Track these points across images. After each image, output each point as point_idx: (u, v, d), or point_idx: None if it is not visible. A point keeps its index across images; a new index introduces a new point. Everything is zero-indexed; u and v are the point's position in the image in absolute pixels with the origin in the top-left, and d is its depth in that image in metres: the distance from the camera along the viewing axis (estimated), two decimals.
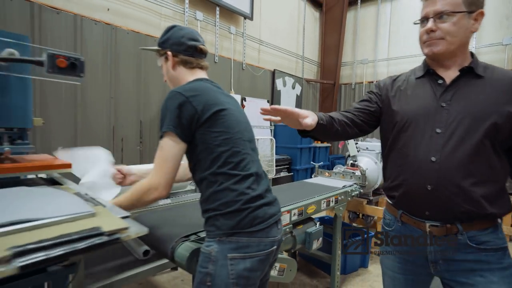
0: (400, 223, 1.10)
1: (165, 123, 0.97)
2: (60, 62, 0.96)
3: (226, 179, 0.99)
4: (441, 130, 0.98)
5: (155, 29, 3.46)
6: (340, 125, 1.11)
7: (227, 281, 0.95)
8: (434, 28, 0.99)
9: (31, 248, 0.57)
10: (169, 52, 1.13)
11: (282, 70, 5.40)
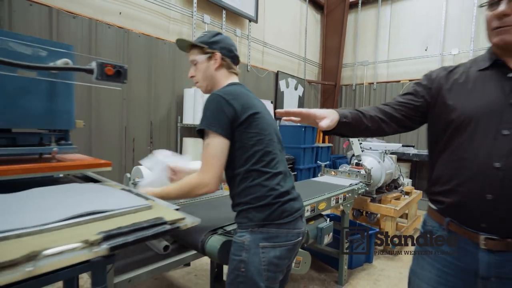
0: (446, 232, 0.97)
1: (209, 123, 1.05)
2: (108, 70, 1.06)
3: (259, 176, 1.09)
4: (509, 132, 0.85)
5: (164, 32, 3.55)
6: (371, 122, 1.03)
7: (259, 267, 1.05)
8: (508, 12, 0.83)
9: (114, 234, 0.67)
10: (219, 53, 1.21)
11: (285, 72, 5.51)
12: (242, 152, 1.09)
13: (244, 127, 1.08)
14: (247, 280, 1.04)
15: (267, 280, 1.06)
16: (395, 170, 3.68)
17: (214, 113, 1.06)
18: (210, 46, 1.22)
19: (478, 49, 5.11)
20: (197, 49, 1.23)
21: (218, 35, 1.25)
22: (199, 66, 1.23)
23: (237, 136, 1.08)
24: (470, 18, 5.18)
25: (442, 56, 5.46)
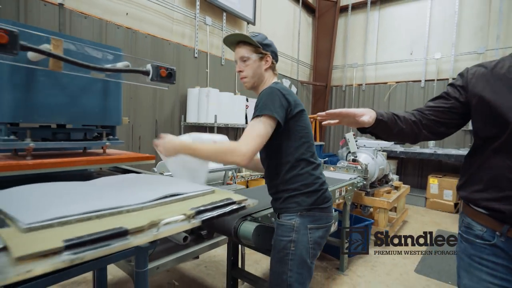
0: (503, 239, 0.90)
1: (266, 108, 1.11)
2: (162, 72, 1.19)
3: (307, 165, 1.21)
4: None
5: (168, 32, 3.64)
6: (405, 124, 1.02)
7: (307, 246, 1.19)
8: None
9: (201, 210, 0.81)
10: (270, 56, 1.31)
11: (280, 72, 5.70)
12: (292, 142, 1.20)
13: (295, 120, 1.19)
14: (296, 257, 1.17)
15: (312, 257, 1.20)
16: (386, 166, 3.94)
17: (270, 101, 1.13)
18: (264, 48, 1.29)
19: (458, 54, 5.49)
20: (251, 47, 1.28)
21: (267, 39, 1.34)
22: (250, 64, 1.28)
23: (288, 127, 1.18)
24: (451, 25, 5.55)
25: (426, 60, 5.82)
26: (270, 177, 1.28)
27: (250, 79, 1.31)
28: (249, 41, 1.27)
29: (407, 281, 2.56)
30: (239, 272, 2.15)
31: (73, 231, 0.60)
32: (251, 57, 1.29)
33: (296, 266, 1.18)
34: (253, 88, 1.34)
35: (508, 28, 5.08)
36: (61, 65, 0.96)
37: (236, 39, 1.30)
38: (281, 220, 1.23)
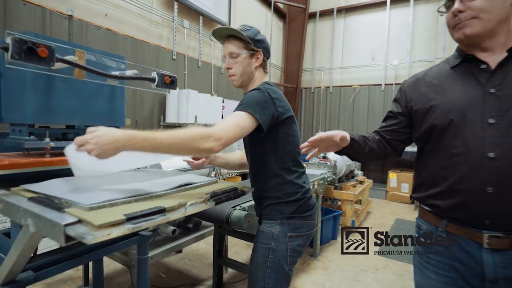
0: (444, 234, 0.93)
1: (250, 107, 1.04)
2: (166, 80, 1.36)
3: (290, 174, 1.17)
4: (495, 120, 0.83)
5: (146, 34, 3.71)
6: (374, 143, 1.07)
7: (286, 254, 1.16)
8: (462, 8, 0.86)
9: (213, 194, 1.01)
10: (261, 53, 1.22)
11: None
12: (277, 151, 1.16)
13: (281, 127, 1.15)
14: (274, 265, 1.14)
15: (290, 264, 1.18)
16: (352, 163, 4.34)
17: (259, 103, 1.07)
18: (255, 44, 1.19)
19: (413, 61, 6.11)
20: (241, 42, 1.19)
21: (260, 33, 1.23)
22: (239, 61, 1.19)
23: (274, 133, 1.13)
24: (407, 35, 6.16)
25: (386, 65, 6.39)
26: (254, 180, 1.26)
27: (239, 77, 1.23)
28: (240, 36, 1.17)
29: (370, 262, 2.92)
30: (224, 259, 2.35)
31: (124, 210, 0.77)
32: (241, 54, 1.19)
33: (273, 273, 1.15)
34: (242, 87, 1.27)
35: (452, 40, 5.75)
36: (84, 74, 1.10)
37: (226, 32, 1.19)
38: (262, 227, 1.21)
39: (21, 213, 0.80)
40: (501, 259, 0.83)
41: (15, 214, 0.82)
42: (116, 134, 0.82)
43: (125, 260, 1.87)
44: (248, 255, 2.87)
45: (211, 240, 3.11)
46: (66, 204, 0.79)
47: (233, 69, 1.22)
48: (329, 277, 2.59)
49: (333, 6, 6.86)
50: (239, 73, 1.22)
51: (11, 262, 0.90)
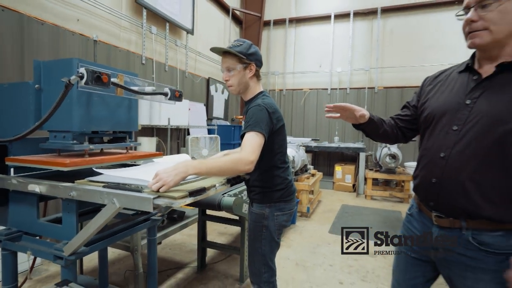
0: (417, 209, 1.15)
1: (258, 126, 1.29)
2: (176, 94, 1.72)
3: (278, 169, 1.46)
4: (457, 128, 0.96)
5: (116, 39, 3.85)
6: (389, 127, 1.21)
7: (274, 228, 1.48)
8: (475, 18, 0.91)
9: (225, 180, 1.42)
10: (254, 65, 1.41)
11: (215, 78, 6.29)
12: (269, 152, 1.42)
13: (277, 134, 1.42)
14: (267, 237, 1.47)
15: (278, 235, 1.51)
16: (305, 158, 5.00)
17: (260, 119, 1.32)
18: (247, 58, 1.38)
19: (353, 69, 7.07)
20: (235, 57, 1.38)
21: (252, 46, 1.41)
22: (235, 74, 1.40)
23: (269, 140, 1.37)
24: (348, 47, 7.10)
25: (331, 72, 7.26)
26: (249, 173, 1.49)
27: (236, 87, 1.44)
28: (233, 52, 1.36)
29: (323, 239, 3.56)
30: (207, 243, 2.74)
31: (182, 189, 1.16)
32: (235, 68, 1.39)
33: (267, 242, 1.48)
34: (240, 94, 1.50)
35: (383, 53, 6.85)
36: (123, 92, 1.43)
37: (222, 50, 1.40)
38: (254, 209, 1.51)
39: (104, 195, 1.13)
40: (443, 234, 1.02)
41: (96, 197, 1.16)
42: (181, 166, 1.14)
43: (128, 246, 2.15)
44: (222, 241, 3.28)
45: (187, 232, 3.47)
46: (138, 188, 1.15)
47: (230, 81, 1.43)
48: (293, 251, 3.15)
49: (285, 16, 7.54)
50: (235, 84, 1.44)
51: (86, 234, 1.21)
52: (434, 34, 6.40)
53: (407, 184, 5.57)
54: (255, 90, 1.50)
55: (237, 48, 1.38)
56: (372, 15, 6.91)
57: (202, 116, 5.55)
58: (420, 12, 6.56)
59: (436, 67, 6.23)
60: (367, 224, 4.08)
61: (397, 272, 1.25)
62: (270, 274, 1.53)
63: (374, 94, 6.92)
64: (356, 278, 2.60)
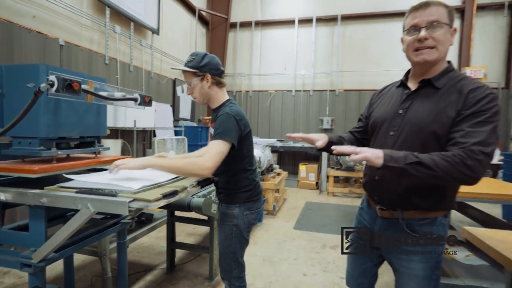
0: (366, 203, 1.34)
1: (226, 135, 1.37)
2: (146, 99, 1.77)
3: (246, 172, 1.55)
4: (393, 133, 1.15)
5: (77, 38, 3.71)
6: (349, 142, 1.39)
7: (244, 226, 1.57)
8: (427, 37, 1.04)
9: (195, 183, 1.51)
10: (209, 75, 1.47)
11: (181, 79, 6.25)
12: (238, 156, 1.51)
13: (244, 140, 1.50)
14: (237, 235, 1.56)
15: (247, 232, 1.61)
16: (271, 158, 5.19)
17: (230, 128, 1.41)
18: (201, 70, 1.45)
19: (316, 72, 7.42)
20: (190, 73, 1.46)
21: (206, 57, 1.47)
22: (194, 87, 1.49)
23: (238, 146, 1.46)
24: (311, 51, 7.44)
25: (295, 75, 7.55)
26: (219, 176, 1.60)
27: (199, 98, 1.54)
28: (186, 69, 1.46)
29: (288, 235, 3.75)
30: (176, 244, 2.78)
31: (155, 192, 1.23)
32: (192, 82, 1.48)
33: (237, 240, 1.57)
34: (205, 104, 1.59)
35: (343, 58, 7.28)
36: (93, 98, 1.46)
37: (177, 69, 1.58)
38: (224, 210, 1.60)
39: (78, 200, 1.17)
40: (385, 224, 1.21)
41: (69, 203, 1.19)
42: (140, 160, 1.35)
43: (95, 250, 2.14)
44: (191, 242, 3.33)
45: (155, 234, 3.46)
46: (112, 192, 1.20)
47: (193, 94, 1.53)
48: (259, 248, 3.29)
49: (251, 19, 7.69)
50: (198, 96, 1.53)
51: (58, 240, 1.23)
52: (387, 42, 6.95)
53: None
54: (220, 98, 1.57)
55: (189, 64, 1.46)
56: (333, 22, 7.31)
57: (168, 117, 5.50)
58: (375, 21, 7.08)
59: (389, 72, 6.79)
60: (329, 219, 4.39)
61: (350, 260, 1.44)
62: (240, 269, 1.63)
63: (335, 96, 7.33)
64: (318, 269, 2.81)
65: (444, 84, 1.08)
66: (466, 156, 0.93)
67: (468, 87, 1.03)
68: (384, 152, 1.00)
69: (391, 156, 0.99)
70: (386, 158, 0.98)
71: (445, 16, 1.05)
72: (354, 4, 7.12)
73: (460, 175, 0.94)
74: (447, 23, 1.05)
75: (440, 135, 1.03)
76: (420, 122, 1.07)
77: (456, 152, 0.95)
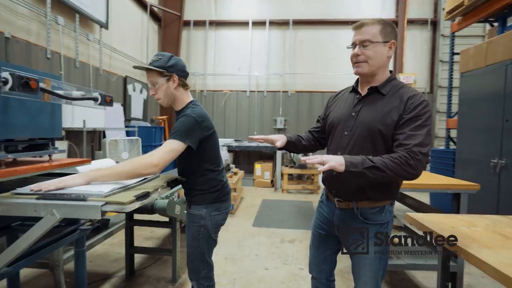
0: (326, 197, 1.46)
1: (180, 135, 1.37)
2: (107, 99, 1.70)
3: (212, 172, 1.54)
4: (347, 133, 1.29)
5: (10, 27, 3.31)
6: (307, 141, 1.53)
7: (211, 227, 1.56)
8: (359, 53, 1.24)
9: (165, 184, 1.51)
10: (176, 76, 1.45)
11: (132, 77, 5.94)
12: (203, 157, 1.52)
13: (208, 141, 1.50)
14: (204, 236, 1.55)
15: (215, 233, 1.60)
16: (228, 158, 5.24)
17: (189, 129, 1.39)
18: (168, 70, 1.43)
19: (269, 74, 7.64)
20: (156, 72, 1.43)
21: (172, 58, 1.47)
22: (159, 87, 1.45)
23: (202, 146, 1.47)
24: (265, 52, 7.65)
25: (250, 75, 7.69)
26: (186, 177, 1.59)
27: (163, 100, 1.49)
28: (152, 69, 1.41)
29: (248, 233, 3.84)
30: (135, 248, 2.67)
31: (128, 195, 1.20)
32: (158, 82, 1.44)
33: (205, 241, 1.56)
34: (168, 106, 1.55)
35: (295, 60, 7.63)
36: (50, 97, 1.36)
37: (142, 68, 1.49)
38: (192, 211, 1.58)
39: (40, 207, 1.10)
40: (342, 214, 1.34)
41: (29, 210, 1.11)
42: (82, 175, 1.26)
43: (45, 262, 1.96)
44: (149, 246, 3.23)
45: (108, 241, 3.28)
46: (80, 196, 1.15)
47: (157, 95, 1.48)
48: (221, 247, 3.32)
49: (205, 18, 7.62)
50: (162, 97, 1.49)
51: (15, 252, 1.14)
52: (335, 48, 7.47)
53: (316, 177, 6.39)
54: (184, 100, 1.55)
55: (156, 63, 1.43)
56: (285, 26, 7.61)
57: (119, 117, 5.20)
58: (325, 27, 7.56)
59: (337, 76, 7.31)
60: (286, 215, 4.59)
61: (312, 248, 1.55)
62: (208, 269, 1.64)
63: (288, 97, 7.64)
64: (279, 262, 2.95)
65: (388, 91, 1.25)
66: (409, 157, 1.11)
67: (407, 94, 1.21)
68: (345, 158, 1.14)
69: (351, 162, 1.13)
70: (347, 164, 1.12)
71: (378, 34, 1.21)
72: (304, 10, 7.50)
73: (405, 173, 1.13)
74: (379, 41, 1.21)
75: (385, 134, 1.20)
76: (369, 123, 1.23)
77: (402, 153, 1.13)
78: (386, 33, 1.23)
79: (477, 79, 3.24)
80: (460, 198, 2.10)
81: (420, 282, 2.63)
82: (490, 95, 3.00)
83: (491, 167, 2.93)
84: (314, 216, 1.56)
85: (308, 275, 1.61)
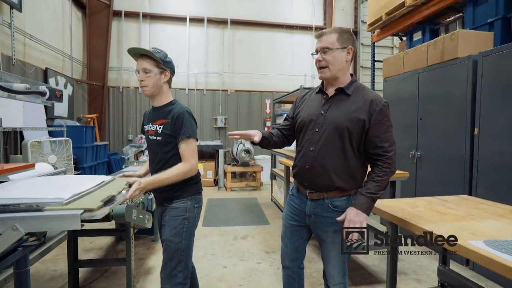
0: (296, 189, 1.57)
1: (193, 132, 1.52)
2: (57, 94, 1.51)
3: None
4: (318, 130, 1.41)
5: None
6: (277, 138, 1.63)
7: (194, 220, 1.60)
8: (320, 59, 1.38)
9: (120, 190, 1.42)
10: (169, 72, 1.56)
11: (52, 68, 5.19)
12: None
13: None
14: (188, 230, 1.56)
15: (196, 227, 1.63)
16: None
17: (193, 126, 1.55)
18: (164, 64, 1.53)
19: (208, 72, 7.56)
20: (153, 61, 1.50)
21: (168, 56, 1.59)
22: (151, 76, 1.50)
23: None
24: (203, 50, 7.53)
25: (188, 73, 7.48)
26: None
27: (150, 88, 1.53)
28: (153, 56, 1.48)
29: (199, 233, 3.77)
30: (79, 262, 2.40)
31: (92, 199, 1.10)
32: (153, 70, 1.49)
33: (187, 236, 1.56)
34: (151, 97, 1.58)
35: (234, 60, 7.72)
36: None
37: (140, 52, 1.50)
38: (174, 205, 1.57)
39: None
40: (314, 204, 1.45)
41: None
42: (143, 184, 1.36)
43: None
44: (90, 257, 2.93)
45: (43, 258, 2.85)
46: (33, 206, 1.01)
47: (145, 81, 1.51)
48: None
49: (138, 9, 7.12)
50: (150, 85, 1.52)
51: None
52: (271, 49, 7.80)
53: (258, 174, 6.61)
54: (168, 97, 1.62)
55: (157, 54, 1.51)
56: (223, 25, 7.61)
57: (40, 115, 4.52)
58: (261, 29, 7.82)
59: (272, 76, 7.67)
60: (234, 213, 4.65)
61: (284, 239, 1.65)
62: (185, 274, 1.56)
63: (227, 96, 7.69)
64: (236, 259, 2.99)
65: (352, 91, 1.41)
66: (390, 163, 1.35)
67: (370, 96, 1.38)
68: (363, 210, 1.32)
69: (368, 208, 1.32)
70: (367, 212, 1.32)
71: (335, 41, 1.36)
72: (241, 10, 7.63)
73: (392, 174, 1.37)
74: (337, 47, 1.36)
75: (351, 130, 1.35)
76: (337, 120, 1.36)
77: (383, 165, 1.35)
78: (343, 40, 1.37)
79: (397, 83, 3.81)
80: (395, 185, 2.48)
81: (362, 261, 2.99)
82: (408, 97, 3.58)
83: (410, 158, 3.50)
84: (284, 209, 1.66)
85: (267, 268, 1.71)
